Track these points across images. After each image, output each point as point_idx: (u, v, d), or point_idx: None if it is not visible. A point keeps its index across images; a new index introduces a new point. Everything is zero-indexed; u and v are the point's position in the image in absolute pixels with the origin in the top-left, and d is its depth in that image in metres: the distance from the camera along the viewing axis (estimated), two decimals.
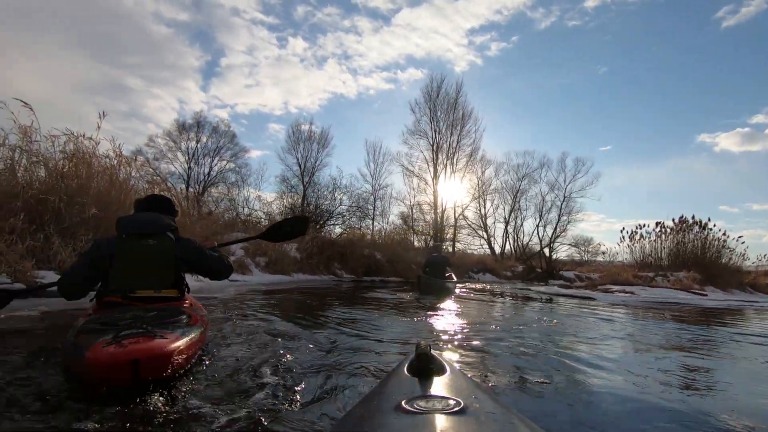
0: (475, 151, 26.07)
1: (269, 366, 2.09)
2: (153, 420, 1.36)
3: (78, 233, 4.22)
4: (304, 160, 22.09)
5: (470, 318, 4.99)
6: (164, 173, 24.63)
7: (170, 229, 2.37)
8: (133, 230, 2.24)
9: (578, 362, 2.62)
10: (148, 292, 2.17)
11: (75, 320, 2.07)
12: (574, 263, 28.52)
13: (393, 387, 0.96)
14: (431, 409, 0.76)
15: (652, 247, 20.96)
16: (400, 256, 14.31)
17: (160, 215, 2.39)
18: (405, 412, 0.76)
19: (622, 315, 6.29)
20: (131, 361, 1.40)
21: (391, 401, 0.83)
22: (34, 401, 1.47)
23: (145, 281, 2.18)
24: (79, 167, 4.74)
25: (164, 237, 2.30)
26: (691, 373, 2.56)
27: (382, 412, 0.80)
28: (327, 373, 2.06)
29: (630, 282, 12.92)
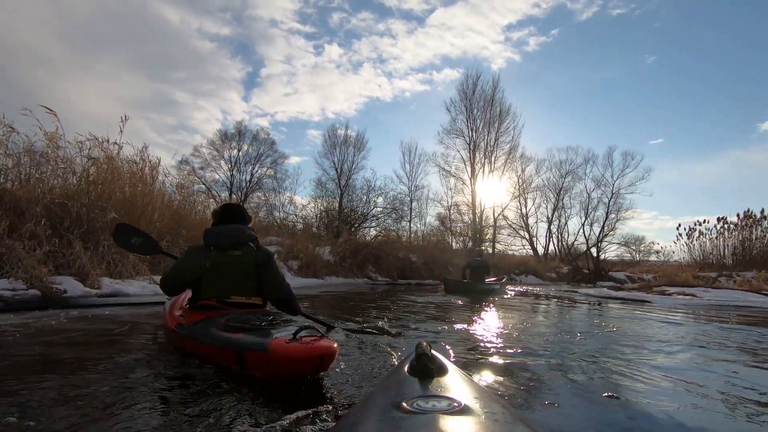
0: (514, 149, 25.23)
1: None
2: (329, 399, 1.66)
3: (100, 238, 4.27)
4: (341, 163, 22.35)
5: (497, 321, 4.71)
6: (209, 181, 25.78)
7: (252, 239, 2.54)
8: (223, 243, 2.43)
9: (606, 365, 2.44)
10: (240, 298, 2.39)
11: (166, 322, 2.49)
12: (625, 264, 26.83)
13: (393, 387, 0.96)
14: (431, 409, 0.76)
15: (713, 245, 19.28)
16: (436, 258, 13.91)
17: (242, 227, 2.55)
18: (405, 412, 0.76)
19: (680, 318, 5.62)
20: (319, 357, 1.70)
21: (391, 401, 0.82)
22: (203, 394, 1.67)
23: (236, 288, 2.39)
24: (101, 172, 4.81)
25: (247, 247, 2.49)
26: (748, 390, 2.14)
27: (382, 412, 0.80)
28: (327, 373, 2.04)
29: (689, 283, 11.81)
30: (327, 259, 10.75)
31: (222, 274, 2.39)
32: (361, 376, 2.05)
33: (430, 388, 0.92)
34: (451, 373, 1.03)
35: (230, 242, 2.45)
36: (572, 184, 28.00)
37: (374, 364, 2.27)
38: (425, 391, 0.89)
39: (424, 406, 0.78)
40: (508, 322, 4.56)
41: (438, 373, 1.01)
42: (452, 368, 1.08)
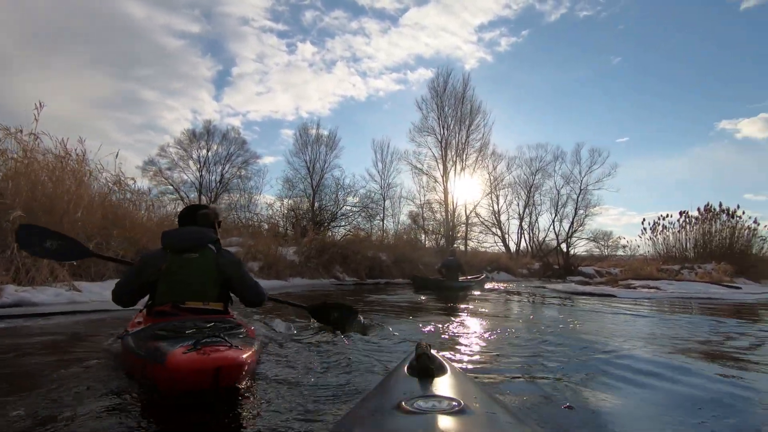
0: (484, 146, 25.27)
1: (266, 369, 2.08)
2: (227, 424, 1.46)
3: (8, 240, 3.72)
4: (313, 162, 21.84)
5: (471, 319, 4.61)
6: (177, 182, 24.89)
7: (211, 241, 2.39)
8: (177, 246, 2.29)
9: (585, 363, 2.45)
10: (197, 303, 2.25)
11: (125, 328, 2.27)
12: (594, 258, 27.44)
13: (393, 387, 0.96)
14: (431, 409, 0.75)
15: (676, 238, 19.83)
16: (406, 256, 13.64)
17: (203, 229, 2.42)
18: (405, 412, 0.75)
19: (647, 312, 5.54)
20: (214, 369, 1.47)
21: (391, 401, 0.82)
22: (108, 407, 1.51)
23: (193, 293, 2.25)
24: (11, 166, 4.25)
25: (206, 250, 2.34)
26: (723, 379, 2.19)
27: (382, 412, 0.80)
28: (325, 373, 2.06)
29: (653, 276, 12.00)
30: (291, 259, 10.32)
31: (178, 278, 2.26)
32: (360, 376, 2.03)
33: (430, 388, 0.91)
34: (450, 373, 1.02)
35: (188, 245, 2.32)
36: (542, 180, 28.42)
37: (374, 364, 2.27)
38: (425, 391, 0.88)
39: (424, 406, 0.77)
40: (477, 320, 4.48)
41: (438, 373, 1.01)
42: (452, 368, 1.07)
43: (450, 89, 24.56)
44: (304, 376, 2.01)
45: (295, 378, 1.95)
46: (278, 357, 2.39)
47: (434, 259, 16.07)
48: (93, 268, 4.72)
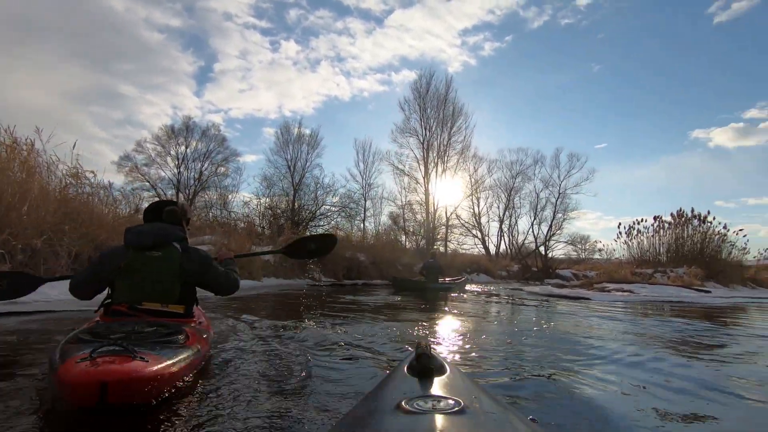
0: (466, 148, 25.41)
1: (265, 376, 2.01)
2: (328, 399, 1.57)
3: None
4: (294, 161, 21.40)
5: (452, 322, 4.58)
6: (154, 179, 24.28)
7: (177, 239, 2.28)
8: (138, 242, 2.18)
9: (572, 366, 2.44)
10: (155, 305, 2.13)
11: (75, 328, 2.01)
12: (571, 261, 27.84)
13: (393, 387, 0.96)
14: (431, 409, 0.75)
15: (650, 242, 20.23)
16: (385, 257, 13.52)
17: (167, 225, 2.30)
18: (405, 412, 0.75)
19: (621, 316, 5.53)
20: (100, 384, 1.27)
21: (391, 401, 0.81)
22: None
23: (151, 294, 2.14)
24: None
25: (170, 248, 2.22)
26: (696, 378, 2.26)
27: (382, 412, 0.79)
28: (325, 373, 2.05)
29: (627, 279, 12.17)
30: (266, 259, 10.06)
31: (137, 277, 2.14)
32: (360, 375, 2.02)
33: (430, 388, 0.90)
34: (450, 373, 1.02)
35: (150, 242, 2.18)
36: (522, 184, 28.75)
37: (373, 364, 2.25)
38: (425, 391, 0.88)
39: (424, 406, 0.77)
40: (459, 323, 4.42)
41: (438, 373, 1.00)
42: (452, 368, 1.07)
43: (433, 91, 24.65)
44: (304, 375, 2.00)
45: (291, 378, 1.96)
46: (278, 357, 2.38)
47: (414, 261, 16.02)
48: (43, 266, 4.41)
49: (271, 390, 1.76)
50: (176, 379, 1.62)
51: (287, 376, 1.99)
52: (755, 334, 4.26)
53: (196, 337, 1.96)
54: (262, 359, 2.33)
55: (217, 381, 1.86)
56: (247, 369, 2.10)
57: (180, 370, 1.63)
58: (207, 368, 2.04)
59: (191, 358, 1.77)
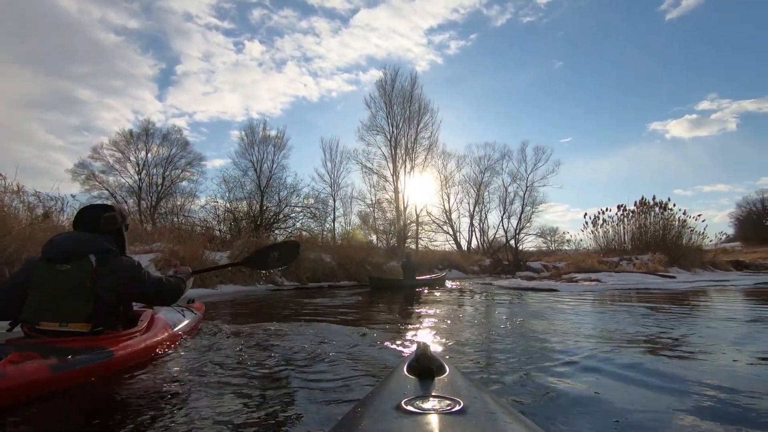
0: (433, 144, 25.23)
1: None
2: (328, 399, 1.66)
3: None
4: (260, 163, 20.56)
5: (426, 321, 4.39)
6: (113, 186, 23.20)
7: (95, 250, 2.05)
8: (49, 254, 2.00)
9: (544, 362, 2.38)
10: (53, 325, 1.93)
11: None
12: (542, 253, 28.21)
13: (393, 387, 0.95)
14: (431, 409, 0.75)
15: (615, 231, 20.63)
16: (352, 257, 13.04)
17: (87, 234, 2.09)
18: (405, 412, 0.75)
19: (589, 308, 5.31)
20: None
21: (391, 401, 0.82)
22: None
23: (51, 312, 1.94)
24: None
25: (83, 261, 2.01)
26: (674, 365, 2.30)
27: (382, 412, 0.79)
28: (325, 374, 2.04)
29: (595, 269, 12.19)
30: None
31: (36, 293, 1.95)
32: (360, 376, 2.01)
33: (430, 388, 0.89)
34: (450, 373, 1.02)
35: (59, 254, 1.99)
36: (491, 178, 28.91)
37: (373, 364, 2.24)
38: (425, 391, 0.87)
39: (424, 406, 0.77)
40: (426, 322, 4.27)
41: (438, 373, 1.00)
42: (452, 368, 1.06)
43: (398, 88, 24.36)
44: (301, 376, 1.99)
45: (291, 379, 1.95)
46: (273, 357, 2.36)
47: (383, 260, 15.66)
48: None
49: (269, 390, 1.75)
50: None
51: (282, 378, 1.98)
52: (723, 317, 4.09)
53: (14, 372, 1.59)
54: (250, 360, 2.29)
55: (199, 382, 1.85)
56: (234, 369, 2.08)
57: None
58: (175, 373, 1.98)
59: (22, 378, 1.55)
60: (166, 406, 1.59)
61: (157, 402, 1.63)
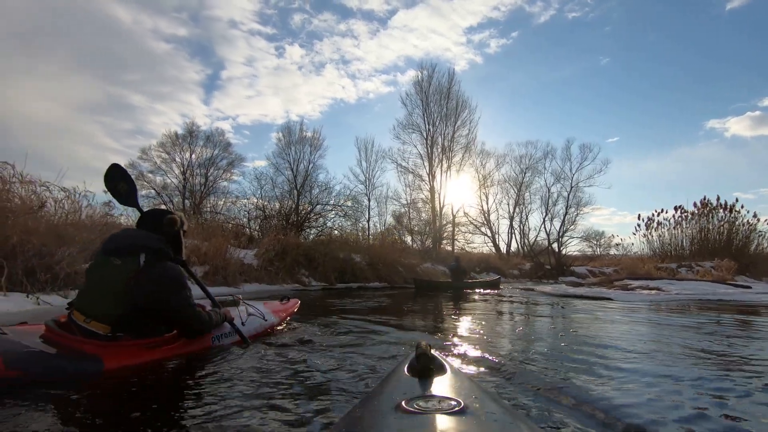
0: (471, 142, 24.22)
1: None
2: (328, 399, 1.66)
3: None
4: (296, 163, 20.94)
5: (461, 323, 4.14)
6: (159, 186, 24.18)
7: (147, 249, 2.01)
8: (106, 246, 2.01)
9: (585, 366, 2.30)
10: (80, 317, 1.90)
11: None
12: (586, 258, 26.50)
13: (393, 387, 0.96)
14: (431, 409, 0.75)
15: (671, 235, 18.89)
16: (384, 257, 12.45)
17: (144, 232, 2.11)
18: (405, 412, 0.75)
19: (655, 318, 4.43)
20: None
21: (391, 401, 0.82)
22: None
23: (85, 304, 1.93)
24: None
25: (132, 258, 1.97)
26: None
27: (382, 412, 0.79)
28: (325, 374, 2.01)
29: (651, 275, 10.94)
30: (249, 263, 9.12)
31: (87, 284, 2.00)
32: (360, 376, 1.98)
33: (430, 388, 0.90)
34: (450, 373, 1.02)
35: (114, 247, 2.00)
36: (532, 178, 27.42)
37: (373, 364, 2.21)
38: (425, 391, 0.88)
39: (424, 406, 0.77)
40: (468, 324, 4.05)
41: (438, 373, 1.00)
42: (452, 368, 1.06)
43: (435, 85, 23.55)
44: (303, 376, 1.96)
45: (291, 379, 1.91)
46: (276, 358, 2.31)
47: (417, 261, 15.00)
48: None
49: (270, 390, 1.73)
50: None
51: (284, 378, 1.94)
52: None
53: None
54: (253, 361, 2.23)
55: (211, 381, 1.84)
56: (240, 370, 2.03)
57: None
58: (198, 368, 1.99)
59: None
60: None
61: None
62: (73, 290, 4.49)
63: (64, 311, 2.03)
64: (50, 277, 4.35)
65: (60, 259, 4.46)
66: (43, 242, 4.50)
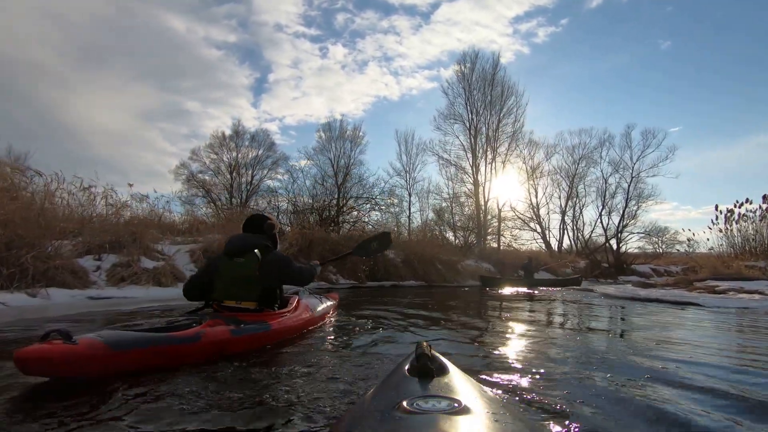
0: (518, 131, 22.49)
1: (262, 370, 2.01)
2: (328, 398, 1.59)
3: None
4: (337, 159, 20.71)
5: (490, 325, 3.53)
6: (209, 184, 24.77)
7: (258, 247, 2.66)
8: (227, 251, 2.65)
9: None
10: (232, 302, 2.57)
11: None
12: (648, 256, 23.97)
13: (393, 387, 0.94)
14: (431, 409, 0.74)
15: (756, 229, 16.29)
16: (422, 254, 11.44)
17: (250, 236, 2.73)
18: (405, 412, 0.74)
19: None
20: (19, 360, 1.58)
21: (391, 401, 0.81)
22: None
23: (231, 293, 2.59)
24: None
25: (251, 255, 2.63)
26: None
27: (382, 412, 0.78)
28: (326, 373, 2.00)
29: (743, 275, 9.13)
30: None
31: (222, 279, 2.60)
32: (360, 376, 1.97)
33: (430, 388, 0.89)
34: (451, 373, 1.00)
35: (234, 250, 2.63)
36: (587, 169, 25.16)
37: (374, 364, 2.20)
38: (425, 391, 0.87)
39: (424, 406, 0.76)
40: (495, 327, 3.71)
41: (438, 373, 0.99)
42: (452, 368, 1.04)
43: (479, 71, 22.07)
44: (303, 376, 1.94)
45: (293, 378, 1.91)
46: (276, 357, 2.31)
47: (457, 258, 13.86)
48: None
49: (269, 390, 1.70)
50: (107, 361, 1.74)
51: (285, 376, 1.93)
52: None
53: (210, 332, 2.16)
54: (255, 359, 2.23)
55: (211, 376, 1.87)
56: (240, 366, 2.05)
57: (114, 355, 1.75)
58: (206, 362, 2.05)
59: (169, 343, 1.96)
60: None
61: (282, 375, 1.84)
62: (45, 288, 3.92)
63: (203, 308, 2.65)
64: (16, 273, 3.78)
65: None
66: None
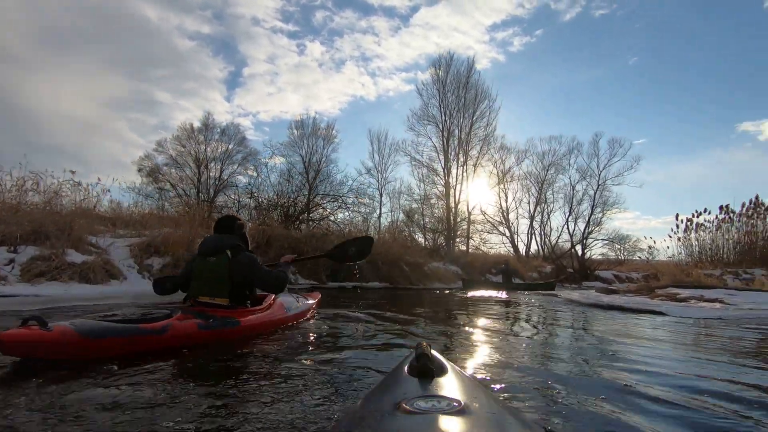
0: (490, 135, 22.55)
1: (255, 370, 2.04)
2: (328, 398, 1.60)
3: None
4: (309, 156, 20.29)
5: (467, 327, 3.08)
6: (175, 179, 23.41)
7: (229, 247, 2.84)
8: (201, 251, 2.86)
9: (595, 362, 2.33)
10: (206, 298, 2.78)
11: None
12: (611, 262, 24.52)
13: (393, 387, 0.95)
14: (431, 409, 0.74)
15: (712, 238, 16.86)
16: (383, 255, 11.04)
17: (224, 236, 2.91)
18: (405, 412, 0.74)
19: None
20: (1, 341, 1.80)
21: (391, 401, 0.81)
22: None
23: (205, 290, 2.79)
24: None
25: (223, 255, 2.81)
26: None
27: (382, 412, 0.78)
28: (326, 373, 2.02)
29: (702, 283, 9.22)
30: None
31: (196, 277, 2.81)
32: (360, 375, 1.97)
33: (430, 388, 0.89)
34: (451, 373, 1.00)
35: (208, 250, 2.83)
36: (555, 176, 25.58)
37: (374, 364, 2.20)
38: (425, 391, 0.87)
39: (424, 406, 0.75)
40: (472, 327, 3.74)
41: (438, 373, 0.98)
42: (452, 368, 1.04)
43: (453, 74, 21.99)
44: (303, 375, 1.95)
45: (293, 378, 1.90)
46: (277, 355, 2.35)
47: (424, 260, 13.58)
48: None
49: (269, 390, 1.71)
50: (76, 348, 1.93)
51: (283, 376, 1.92)
52: None
53: (178, 325, 2.36)
54: (253, 358, 2.28)
55: (211, 377, 1.87)
56: (236, 368, 2.07)
57: (86, 342, 1.96)
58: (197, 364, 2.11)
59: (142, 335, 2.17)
60: None
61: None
62: None
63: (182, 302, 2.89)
64: None
65: None
66: None
